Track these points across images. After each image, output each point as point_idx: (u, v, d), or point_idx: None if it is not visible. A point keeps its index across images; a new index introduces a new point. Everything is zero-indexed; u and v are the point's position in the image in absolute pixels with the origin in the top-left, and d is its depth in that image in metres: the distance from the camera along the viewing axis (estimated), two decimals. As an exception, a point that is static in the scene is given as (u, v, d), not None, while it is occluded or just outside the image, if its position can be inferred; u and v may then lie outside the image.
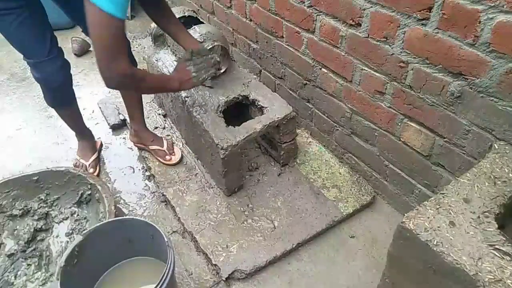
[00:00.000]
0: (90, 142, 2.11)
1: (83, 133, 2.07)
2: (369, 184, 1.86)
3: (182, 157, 2.06)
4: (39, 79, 1.67)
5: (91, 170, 2.00)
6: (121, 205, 1.88)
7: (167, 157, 2.03)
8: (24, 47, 1.55)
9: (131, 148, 2.20)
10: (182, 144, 2.15)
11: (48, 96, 1.79)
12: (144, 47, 2.93)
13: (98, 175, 2.01)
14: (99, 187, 1.64)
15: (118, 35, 1.17)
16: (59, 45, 1.64)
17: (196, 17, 2.10)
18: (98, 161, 2.11)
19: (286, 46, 2.00)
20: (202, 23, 1.96)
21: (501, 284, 0.86)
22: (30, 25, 1.48)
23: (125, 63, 1.22)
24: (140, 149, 2.12)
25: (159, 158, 2.04)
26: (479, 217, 1.00)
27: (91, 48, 3.07)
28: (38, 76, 1.65)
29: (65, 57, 1.69)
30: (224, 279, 1.53)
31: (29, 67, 1.64)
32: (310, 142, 2.10)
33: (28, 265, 1.59)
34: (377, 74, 1.55)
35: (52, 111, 2.48)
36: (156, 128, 2.26)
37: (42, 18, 1.55)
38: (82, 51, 3.04)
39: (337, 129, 1.92)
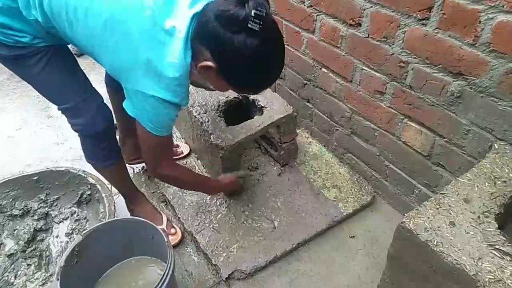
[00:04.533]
0: (149, 204, 1.77)
1: (137, 196, 1.73)
2: (369, 184, 1.86)
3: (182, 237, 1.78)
4: (82, 125, 1.39)
5: (172, 231, 1.70)
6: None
7: (179, 150, 2.05)
8: (57, 90, 1.33)
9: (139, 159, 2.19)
10: (182, 143, 2.15)
11: (92, 149, 1.49)
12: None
13: (182, 237, 1.72)
14: (99, 187, 1.64)
15: (161, 146, 1.28)
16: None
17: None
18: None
19: (286, 46, 2.00)
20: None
21: (501, 284, 0.86)
22: (60, 62, 1.28)
23: (167, 167, 1.35)
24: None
25: (174, 157, 2.03)
26: (479, 217, 1.00)
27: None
28: (79, 121, 1.38)
29: None
30: (224, 279, 1.53)
31: (66, 117, 1.39)
32: (310, 142, 2.10)
33: (28, 265, 1.59)
34: (377, 74, 1.55)
35: (52, 111, 2.50)
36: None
37: (68, 51, 1.33)
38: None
39: (337, 129, 1.92)
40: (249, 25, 0.95)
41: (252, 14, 0.94)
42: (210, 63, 1.05)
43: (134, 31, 1.04)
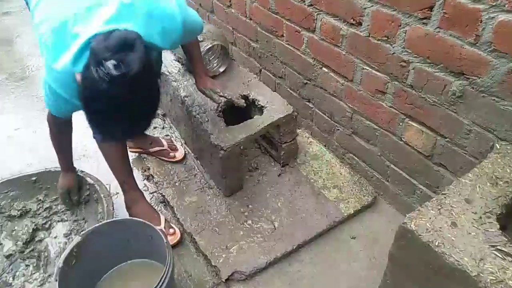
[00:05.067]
0: (147, 204, 1.75)
1: (136, 193, 1.73)
2: (370, 185, 1.85)
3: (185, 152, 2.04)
4: None
5: (171, 231, 1.67)
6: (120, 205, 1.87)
7: (171, 154, 2.02)
8: None
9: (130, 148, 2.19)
10: (182, 144, 2.15)
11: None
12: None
13: (181, 238, 1.70)
14: (97, 187, 1.63)
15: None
16: None
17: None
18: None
19: (286, 45, 1.99)
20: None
21: (503, 285, 0.85)
22: None
23: (50, 113, 1.37)
24: (139, 153, 2.11)
25: (164, 158, 2.03)
26: (480, 217, 0.99)
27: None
28: None
29: None
30: (223, 280, 1.53)
31: None
32: (310, 142, 2.09)
33: (26, 266, 1.58)
34: (378, 73, 1.54)
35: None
36: (155, 128, 2.26)
37: None
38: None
39: (338, 129, 1.92)
40: (98, 68, 0.95)
41: (108, 63, 0.94)
42: (79, 77, 1.04)
43: (48, 21, 1.12)
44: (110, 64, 0.94)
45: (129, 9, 1.10)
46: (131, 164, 1.75)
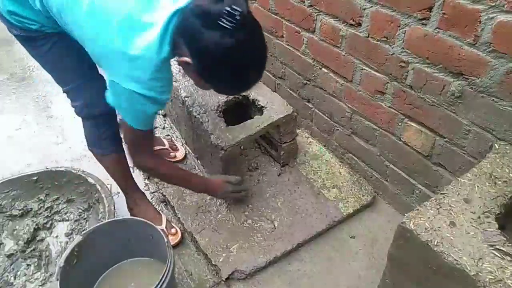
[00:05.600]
0: (149, 204, 1.76)
1: (138, 195, 1.74)
2: (370, 184, 1.86)
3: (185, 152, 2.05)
4: (79, 107, 1.44)
5: (172, 231, 1.69)
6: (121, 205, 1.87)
7: (172, 154, 2.03)
8: (62, 71, 1.38)
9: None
10: (182, 144, 2.15)
11: (90, 131, 1.54)
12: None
13: (182, 237, 1.71)
14: (98, 187, 1.64)
15: (141, 139, 1.32)
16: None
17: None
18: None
19: (286, 46, 2.00)
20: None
21: (501, 284, 0.86)
22: (67, 46, 1.31)
23: (146, 159, 1.39)
24: None
25: (164, 158, 2.03)
26: (479, 217, 0.99)
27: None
28: (77, 103, 1.44)
29: None
30: (224, 279, 1.53)
31: (70, 100, 1.46)
32: (310, 142, 2.10)
33: (27, 265, 1.59)
34: (377, 74, 1.54)
35: (52, 111, 2.50)
36: (156, 128, 2.26)
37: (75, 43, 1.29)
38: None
39: (337, 129, 1.92)
40: (219, 22, 0.94)
41: (225, 10, 0.93)
42: (187, 59, 1.05)
43: (112, 21, 1.05)
44: (225, 10, 0.93)
45: None
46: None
